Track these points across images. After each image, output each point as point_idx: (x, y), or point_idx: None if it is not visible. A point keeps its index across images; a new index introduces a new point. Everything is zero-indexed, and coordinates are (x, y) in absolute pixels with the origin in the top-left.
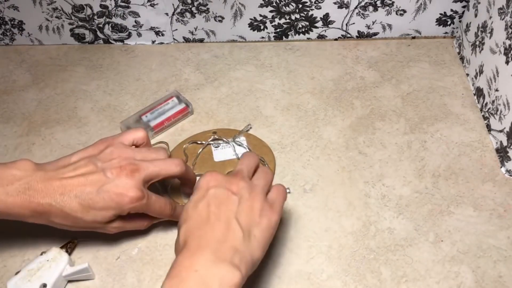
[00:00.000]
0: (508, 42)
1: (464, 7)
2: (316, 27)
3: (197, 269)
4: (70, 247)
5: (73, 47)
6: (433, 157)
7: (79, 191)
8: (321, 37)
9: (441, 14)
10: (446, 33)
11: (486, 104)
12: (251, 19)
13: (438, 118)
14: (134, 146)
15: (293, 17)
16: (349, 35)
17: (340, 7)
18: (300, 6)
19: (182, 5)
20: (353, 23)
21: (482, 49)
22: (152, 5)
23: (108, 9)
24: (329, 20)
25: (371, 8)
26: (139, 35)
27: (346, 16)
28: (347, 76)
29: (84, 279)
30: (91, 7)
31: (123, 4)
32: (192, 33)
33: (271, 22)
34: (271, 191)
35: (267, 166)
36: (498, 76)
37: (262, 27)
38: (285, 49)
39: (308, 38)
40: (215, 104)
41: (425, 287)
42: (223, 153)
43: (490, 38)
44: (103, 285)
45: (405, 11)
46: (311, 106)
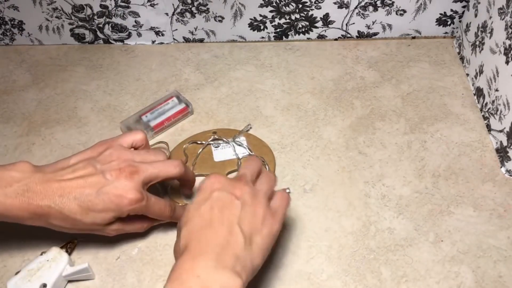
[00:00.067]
0: (508, 42)
1: (464, 7)
2: (316, 27)
3: (199, 274)
4: (70, 247)
5: (73, 47)
6: (433, 157)
7: (78, 193)
8: (321, 37)
9: (441, 14)
10: (446, 33)
11: (486, 104)
12: (251, 19)
13: (438, 118)
14: (133, 148)
15: (293, 17)
16: (349, 35)
17: (340, 7)
18: (300, 6)
19: (182, 5)
20: (353, 23)
21: (482, 49)
22: (152, 5)
23: (108, 9)
24: (329, 20)
25: (371, 8)
26: (139, 35)
27: (346, 16)
28: (347, 76)
29: (84, 279)
30: (91, 7)
31: (123, 4)
32: (192, 33)
33: (271, 22)
34: (274, 198)
35: (271, 172)
36: (498, 76)
37: (262, 27)
38: (285, 49)
39: (308, 38)
40: (215, 104)
41: (425, 287)
42: (223, 153)
43: (490, 38)
44: (103, 285)
45: (405, 11)
46: (311, 106)
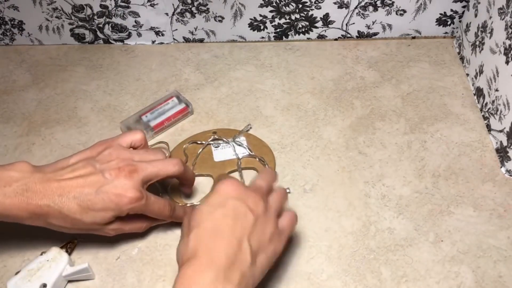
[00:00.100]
0: (508, 42)
1: (464, 7)
2: (316, 27)
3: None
4: (70, 247)
5: (73, 47)
6: (433, 157)
7: (78, 192)
8: (321, 37)
9: (441, 14)
10: (446, 33)
11: (486, 104)
12: (251, 19)
13: (438, 118)
14: (132, 148)
15: (293, 17)
16: (349, 35)
17: (340, 7)
18: (300, 6)
19: (182, 5)
20: (353, 23)
21: (482, 49)
22: (152, 5)
23: (108, 9)
24: (329, 20)
25: (371, 8)
26: (139, 35)
27: (346, 16)
28: (347, 76)
29: (84, 279)
30: (91, 7)
31: (123, 4)
32: (192, 33)
33: (271, 22)
34: (283, 216)
35: (283, 188)
36: (498, 76)
37: (262, 27)
38: (285, 49)
39: (308, 38)
40: (215, 104)
41: (425, 287)
42: (223, 153)
43: (490, 38)
44: (103, 285)
45: (405, 11)
46: (311, 106)
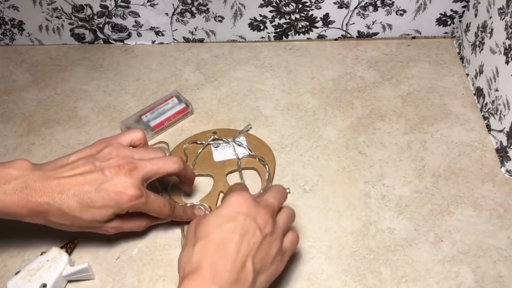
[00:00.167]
0: (508, 42)
1: (464, 7)
2: (316, 27)
3: None
4: (70, 247)
5: (73, 47)
6: (433, 157)
7: (78, 190)
8: (321, 37)
9: (441, 14)
10: (446, 33)
11: (486, 104)
12: (251, 19)
13: (438, 118)
14: (132, 147)
15: (293, 17)
16: (349, 35)
17: (340, 7)
18: (300, 6)
19: (182, 5)
20: (353, 23)
21: (482, 49)
22: (152, 5)
23: (108, 9)
24: (329, 20)
25: (371, 8)
26: (139, 35)
27: (346, 16)
28: (347, 76)
29: (84, 279)
30: (91, 7)
31: (123, 4)
32: (192, 33)
33: (271, 22)
34: (287, 237)
35: (291, 208)
36: (498, 76)
37: (262, 27)
38: (285, 49)
39: (308, 38)
40: (215, 104)
41: (425, 287)
42: (223, 153)
43: (490, 38)
44: (103, 285)
45: (405, 11)
46: (311, 106)
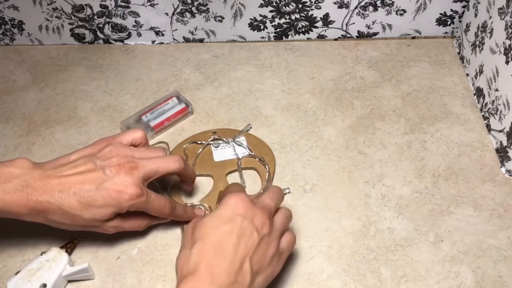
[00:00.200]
0: (508, 42)
1: (464, 7)
2: (316, 27)
3: None
4: (70, 247)
5: (73, 47)
6: (433, 157)
7: (78, 188)
8: (321, 37)
9: (441, 14)
10: (446, 33)
11: (486, 104)
12: (251, 19)
13: (438, 118)
14: (133, 146)
15: (293, 17)
16: (349, 35)
17: (340, 7)
18: (300, 6)
19: (182, 5)
20: (353, 23)
21: (482, 49)
22: (152, 5)
23: (108, 9)
24: (329, 20)
25: (371, 8)
26: (139, 35)
27: (346, 16)
28: (347, 76)
29: (84, 279)
30: (91, 7)
31: (123, 4)
32: (192, 33)
33: (271, 22)
34: (283, 238)
35: (288, 209)
36: (498, 76)
37: (262, 27)
38: (285, 49)
39: (308, 38)
40: (215, 104)
41: (425, 287)
42: (223, 153)
43: (490, 38)
44: (103, 285)
45: (405, 11)
46: (311, 106)
